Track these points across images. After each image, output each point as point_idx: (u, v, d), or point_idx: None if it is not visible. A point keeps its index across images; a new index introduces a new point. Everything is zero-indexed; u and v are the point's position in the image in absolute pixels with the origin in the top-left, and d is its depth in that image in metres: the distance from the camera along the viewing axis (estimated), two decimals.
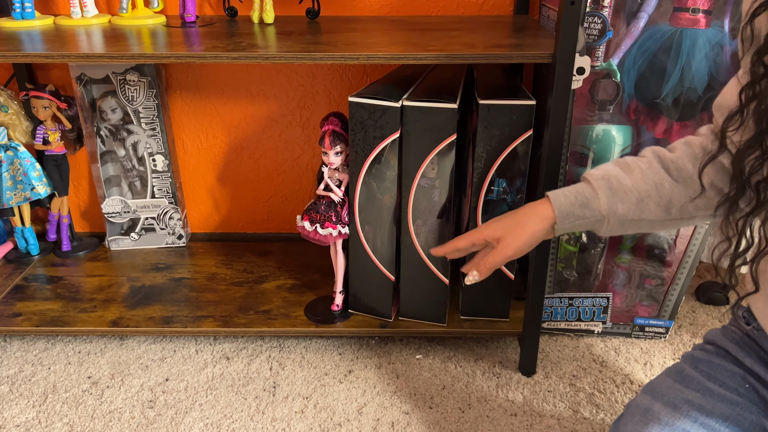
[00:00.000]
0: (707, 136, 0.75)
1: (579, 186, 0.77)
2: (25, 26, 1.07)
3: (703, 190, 0.71)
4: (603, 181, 0.75)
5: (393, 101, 0.95)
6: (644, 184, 0.74)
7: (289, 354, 1.15)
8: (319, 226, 1.07)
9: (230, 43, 0.94)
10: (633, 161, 0.77)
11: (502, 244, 0.78)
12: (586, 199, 0.76)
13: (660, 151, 0.76)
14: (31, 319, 1.13)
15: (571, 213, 0.76)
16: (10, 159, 1.22)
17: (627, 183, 0.75)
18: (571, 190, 0.77)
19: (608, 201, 0.75)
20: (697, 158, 0.73)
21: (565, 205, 0.76)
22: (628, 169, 0.76)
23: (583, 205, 0.76)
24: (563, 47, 0.85)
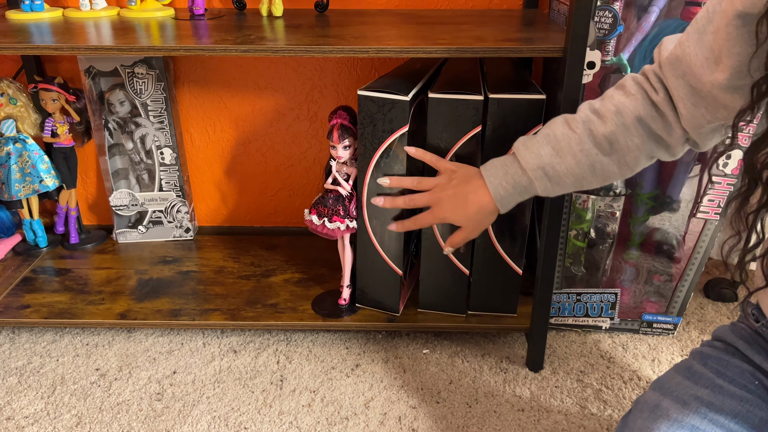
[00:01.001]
0: (635, 98, 0.76)
1: (514, 173, 0.83)
2: (34, 18, 1.08)
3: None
4: (539, 170, 0.80)
5: (402, 94, 0.94)
6: (578, 169, 0.79)
7: (296, 347, 1.15)
8: (327, 220, 1.07)
9: (239, 36, 0.94)
10: (565, 140, 0.79)
11: (466, 231, 0.90)
12: (523, 188, 0.83)
13: (591, 124, 0.78)
14: (39, 311, 1.13)
15: (511, 201, 0.85)
16: (19, 151, 1.22)
17: (561, 169, 0.80)
18: (509, 181, 0.83)
19: (545, 188, 0.82)
20: (629, 130, 0.76)
21: (505, 198, 0.84)
22: (561, 151, 0.79)
23: (522, 193, 0.84)
24: (574, 42, 0.84)
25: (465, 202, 0.86)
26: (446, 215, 0.89)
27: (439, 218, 0.90)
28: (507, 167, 0.83)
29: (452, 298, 1.11)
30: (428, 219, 0.92)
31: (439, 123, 0.97)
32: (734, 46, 0.64)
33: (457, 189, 0.88)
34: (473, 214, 0.87)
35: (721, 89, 0.67)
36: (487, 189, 0.84)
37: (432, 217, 0.91)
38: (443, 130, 0.97)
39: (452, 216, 0.89)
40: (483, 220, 0.88)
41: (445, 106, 0.95)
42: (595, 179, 0.81)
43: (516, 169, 0.82)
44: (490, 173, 0.84)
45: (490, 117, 0.96)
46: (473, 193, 0.86)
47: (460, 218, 0.88)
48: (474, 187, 0.86)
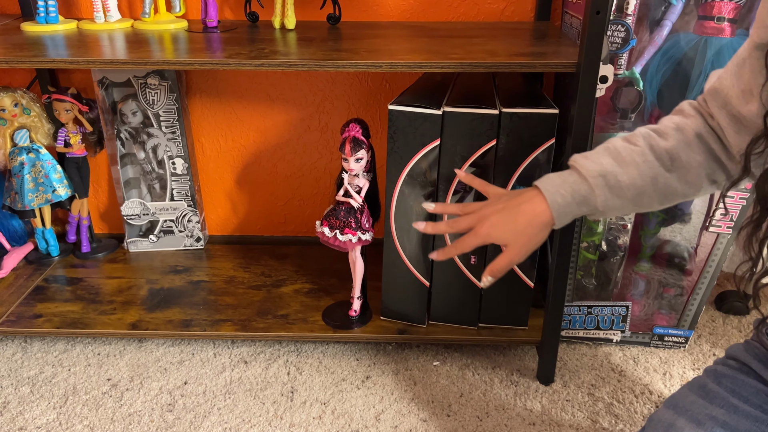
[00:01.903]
0: (695, 118, 0.75)
1: (573, 182, 0.76)
2: (49, 30, 1.08)
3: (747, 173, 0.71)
4: (600, 178, 0.75)
5: (434, 108, 0.95)
6: (640, 180, 0.74)
7: (307, 359, 1.15)
8: (338, 232, 1.07)
9: (253, 50, 0.95)
10: (626, 151, 0.75)
11: (511, 252, 0.79)
12: (582, 197, 0.76)
13: (652, 139, 0.75)
14: (51, 320, 1.14)
15: (568, 212, 0.77)
16: (32, 161, 1.23)
17: (624, 180, 0.74)
18: (566, 188, 0.76)
19: (605, 199, 0.75)
20: (690, 147, 0.74)
21: (563, 206, 0.76)
22: (623, 162, 0.75)
23: (581, 203, 0.76)
24: (588, 57, 0.84)
25: (515, 214, 0.77)
26: (490, 231, 0.79)
27: (483, 236, 0.79)
28: (564, 176, 0.77)
29: (463, 311, 1.11)
30: (471, 240, 0.80)
31: (455, 136, 0.97)
32: (757, 77, 0.65)
33: (507, 203, 0.79)
34: (523, 227, 0.77)
35: (759, 118, 0.67)
36: (542, 197, 0.76)
37: (475, 237, 0.80)
38: (458, 144, 0.97)
39: (498, 231, 0.78)
40: (534, 235, 0.78)
41: (460, 120, 0.95)
42: (657, 195, 0.75)
43: (575, 178, 0.76)
44: (546, 182, 0.77)
45: (503, 131, 0.96)
46: (526, 203, 0.77)
47: (508, 233, 0.78)
48: (527, 197, 0.78)
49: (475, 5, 1.19)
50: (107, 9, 1.10)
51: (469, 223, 0.81)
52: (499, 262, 0.80)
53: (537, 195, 0.77)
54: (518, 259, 0.79)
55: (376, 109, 1.30)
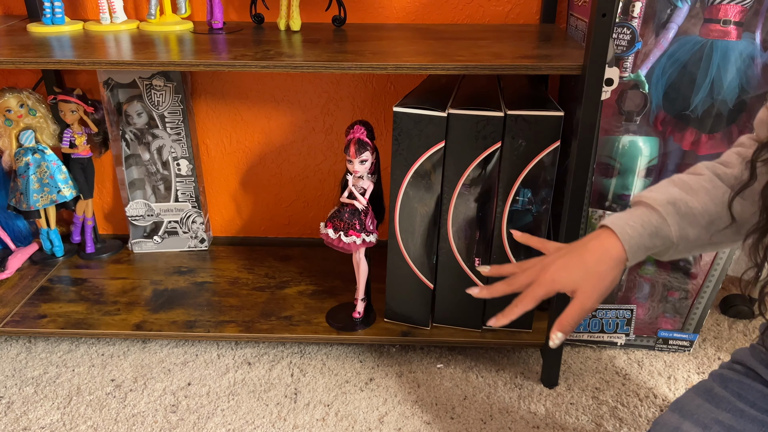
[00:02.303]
0: (756, 147, 0.73)
1: (641, 213, 0.70)
2: (54, 31, 1.09)
3: (733, 220, 0.69)
4: (670, 206, 0.69)
5: (439, 110, 0.95)
6: (713, 206, 0.69)
7: (310, 360, 1.15)
8: (343, 234, 1.07)
9: (258, 51, 0.95)
10: (693, 180, 0.71)
11: (581, 297, 0.69)
12: (654, 227, 0.69)
13: (717, 168, 0.72)
14: (56, 320, 1.14)
15: (641, 246, 0.69)
16: (38, 162, 1.23)
17: (695, 206, 0.69)
18: (636, 220, 0.69)
19: (679, 227, 0.69)
20: None
21: (634, 238, 0.68)
22: (690, 190, 0.70)
23: (653, 235, 0.69)
24: (594, 59, 0.84)
25: (582, 252, 0.70)
26: (555, 275, 0.70)
27: (548, 283, 0.70)
28: (631, 211, 0.71)
29: (467, 313, 1.10)
30: (536, 291, 0.71)
31: (460, 138, 0.97)
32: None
33: (570, 247, 0.72)
34: (593, 265, 0.68)
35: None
36: (610, 231, 0.69)
37: (539, 286, 0.71)
38: (463, 146, 0.97)
39: (564, 274, 0.70)
40: (605, 273, 0.68)
41: (465, 122, 0.95)
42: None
43: (643, 210, 0.70)
44: (612, 218, 0.71)
45: (508, 133, 0.96)
46: (593, 240, 0.71)
47: (575, 274, 0.69)
48: (593, 235, 0.71)
49: (480, 7, 1.19)
50: (113, 10, 1.10)
51: (530, 276, 0.72)
52: (569, 313, 0.69)
53: (604, 231, 0.71)
54: (591, 305, 0.69)
55: (381, 111, 1.30)
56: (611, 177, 1.08)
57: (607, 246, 0.69)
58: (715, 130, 1.04)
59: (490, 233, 1.04)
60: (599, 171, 1.08)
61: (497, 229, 1.03)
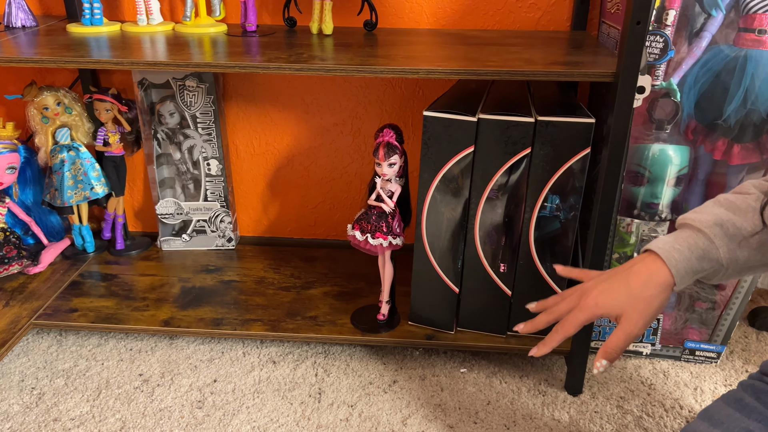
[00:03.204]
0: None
1: (687, 236, 0.68)
2: (93, 32, 1.11)
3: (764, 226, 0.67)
4: (717, 227, 0.67)
5: (469, 115, 0.95)
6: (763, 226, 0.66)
7: (334, 361, 1.16)
8: (370, 236, 1.08)
9: (292, 54, 0.96)
10: (740, 200, 0.69)
11: (627, 323, 0.67)
12: (702, 250, 0.67)
13: (763, 186, 0.70)
14: (87, 315, 1.16)
15: (689, 270, 0.67)
16: (72, 159, 1.26)
17: (744, 226, 0.67)
18: (682, 243, 0.67)
19: (728, 249, 0.67)
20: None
21: (681, 262, 0.66)
22: (738, 210, 0.68)
23: (701, 258, 0.67)
24: (627, 67, 0.84)
25: (626, 276, 0.68)
26: (599, 299, 0.69)
27: (590, 308, 0.69)
28: (676, 234, 0.69)
29: (492, 318, 1.10)
30: (577, 317, 0.69)
31: (489, 143, 0.97)
32: None
33: (613, 271, 0.70)
34: (639, 289, 0.67)
35: None
36: (655, 255, 0.67)
37: (580, 311, 0.69)
38: (492, 151, 0.97)
39: (608, 299, 0.68)
40: (652, 298, 0.67)
41: (495, 127, 0.96)
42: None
43: (689, 232, 0.68)
44: (657, 241, 0.69)
45: (538, 139, 0.96)
46: (638, 263, 0.69)
47: (620, 299, 0.67)
48: (638, 258, 0.70)
49: (510, 14, 1.20)
50: (150, 12, 1.13)
51: (570, 302, 0.71)
52: (614, 340, 0.67)
53: (649, 255, 0.69)
54: (637, 331, 0.67)
55: (409, 116, 1.31)
56: (640, 185, 1.08)
57: (653, 270, 0.67)
58: (748, 139, 1.03)
59: (517, 239, 1.04)
60: (628, 179, 1.08)
61: (525, 235, 1.03)
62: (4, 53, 0.96)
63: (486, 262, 1.06)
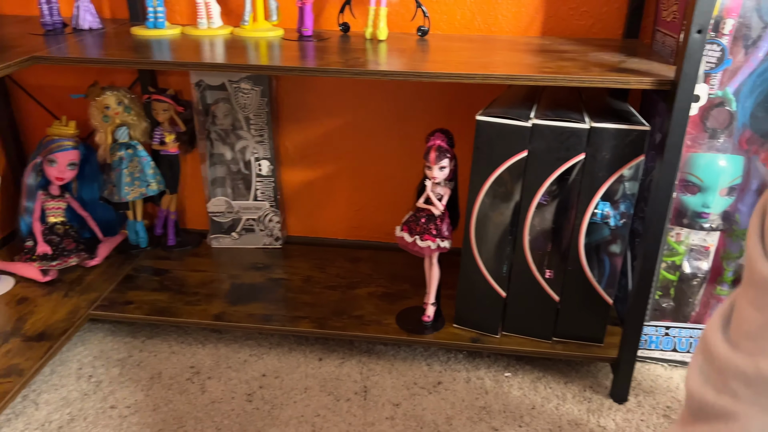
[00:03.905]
0: None
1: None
2: (156, 35, 1.15)
3: None
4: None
5: (523, 121, 0.97)
6: None
7: (379, 360, 1.18)
8: (418, 238, 1.09)
9: (349, 59, 0.99)
10: None
11: None
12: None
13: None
14: (141, 307, 1.20)
15: None
16: (130, 157, 1.30)
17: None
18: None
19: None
20: None
21: None
22: None
23: None
24: (685, 75, 0.84)
25: None
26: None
27: None
28: None
29: (538, 323, 1.11)
30: None
31: (542, 149, 0.98)
32: None
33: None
34: None
35: None
36: None
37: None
38: (545, 157, 0.98)
39: None
40: None
41: (549, 132, 0.97)
42: None
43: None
44: None
45: (591, 145, 0.96)
46: None
47: None
48: None
49: (562, 21, 1.20)
50: (210, 16, 1.16)
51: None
52: None
53: None
54: None
55: (457, 120, 1.32)
56: (692, 194, 1.07)
57: None
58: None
59: (565, 245, 1.04)
60: (680, 187, 1.08)
61: (574, 241, 1.03)
62: (72, 54, 1.01)
63: (534, 267, 1.07)
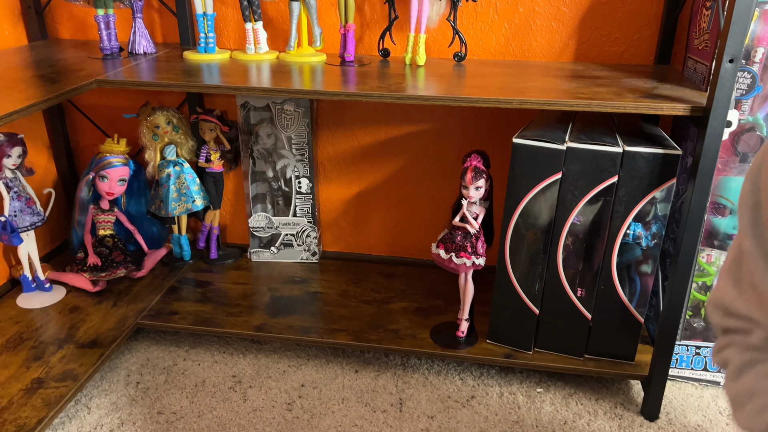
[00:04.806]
0: None
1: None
2: (206, 59, 1.22)
3: None
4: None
5: (558, 144, 1.01)
6: None
7: (413, 373, 1.21)
8: (454, 255, 1.13)
9: (391, 84, 1.04)
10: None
11: None
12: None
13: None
14: (186, 318, 1.26)
15: None
16: (177, 174, 1.37)
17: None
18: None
19: None
20: None
21: None
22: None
23: None
24: (717, 103, 0.88)
25: None
26: None
27: None
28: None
29: (570, 341, 1.14)
30: None
31: (576, 172, 1.02)
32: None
33: None
34: None
35: None
36: None
37: None
38: (579, 179, 1.02)
39: None
40: None
41: (583, 156, 1.00)
42: None
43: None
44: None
45: (624, 168, 1.00)
46: None
47: None
48: None
49: (594, 47, 1.25)
50: (257, 42, 1.23)
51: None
52: None
53: None
54: None
55: (490, 142, 1.37)
56: (723, 216, 1.10)
57: None
58: None
59: (597, 264, 1.07)
60: (711, 210, 1.10)
61: (607, 261, 1.06)
62: (129, 78, 1.08)
63: (567, 286, 1.10)
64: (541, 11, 1.23)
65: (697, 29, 1.09)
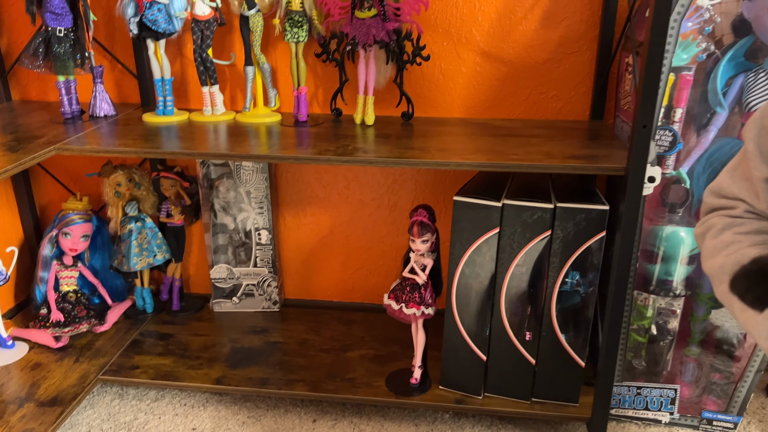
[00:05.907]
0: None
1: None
2: (165, 121, 1.27)
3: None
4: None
5: (494, 200, 1.07)
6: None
7: (369, 421, 1.25)
8: (404, 306, 1.18)
9: (339, 146, 1.10)
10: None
11: None
12: None
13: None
14: (147, 372, 1.29)
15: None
16: (139, 229, 1.41)
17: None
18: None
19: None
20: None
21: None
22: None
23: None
24: (635, 163, 0.95)
25: None
26: None
27: None
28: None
29: (517, 385, 1.19)
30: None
31: (513, 226, 1.08)
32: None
33: None
34: None
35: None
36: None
37: None
38: (516, 232, 1.08)
39: None
40: None
41: (518, 211, 1.07)
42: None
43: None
44: None
45: (557, 222, 1.07)
46: None
47: None
48: None
49: (534, 104, 1.32)
50: (214, 104, 1.29)
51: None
52: None
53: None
54: None
55: (441, 193, 1.43)
56: (655, 263, 1.17)
57: None
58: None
59: (540, 309, 1.13)
60: (644, 257, 1.17)
61: (547, 308, 1.13)
62: (90, 144, 1.12)
63: (511, 332, 1.15)
64: (482, 71, 1.31)
65: (622, 91, 1.18)
